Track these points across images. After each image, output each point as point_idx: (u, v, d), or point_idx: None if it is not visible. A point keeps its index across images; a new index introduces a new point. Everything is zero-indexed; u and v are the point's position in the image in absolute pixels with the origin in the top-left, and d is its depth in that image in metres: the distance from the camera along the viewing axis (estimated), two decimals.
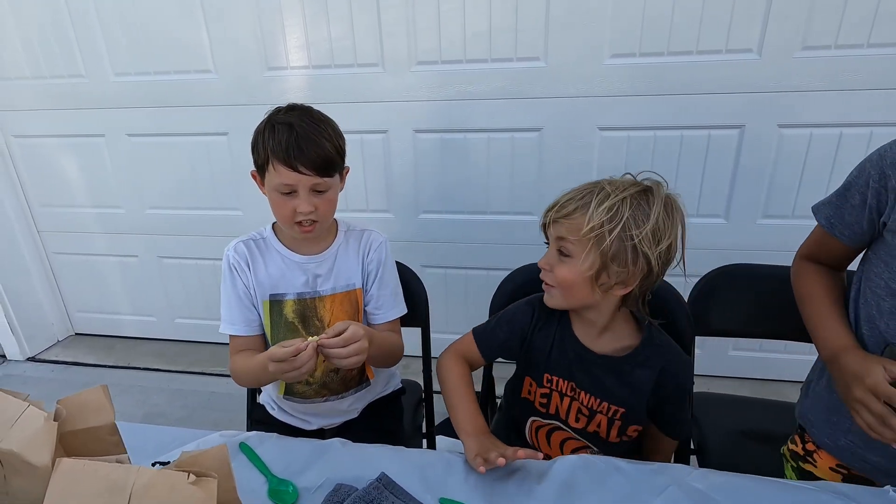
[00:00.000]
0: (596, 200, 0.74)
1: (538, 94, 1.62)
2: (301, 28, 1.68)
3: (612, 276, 0.76)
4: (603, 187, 0.76)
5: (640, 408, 0.83)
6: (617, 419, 0.84)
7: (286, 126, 0.84)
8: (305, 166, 0.83)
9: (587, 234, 0.74)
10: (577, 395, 0.86)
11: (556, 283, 0.80)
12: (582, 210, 0.75)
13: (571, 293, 0.79)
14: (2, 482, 0.40)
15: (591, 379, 0.84)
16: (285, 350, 0.74)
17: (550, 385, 0.88)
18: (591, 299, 0.79)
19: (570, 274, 0.77)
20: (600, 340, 0.85)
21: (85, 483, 0.34)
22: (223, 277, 0.96)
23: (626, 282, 0.76)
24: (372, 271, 0.98)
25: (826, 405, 0.82)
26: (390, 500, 0.57)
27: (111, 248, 2.15)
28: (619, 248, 0.74)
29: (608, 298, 0.79)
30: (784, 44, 1.46)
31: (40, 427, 0.39)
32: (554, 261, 0.80)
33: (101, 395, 0.43)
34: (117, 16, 1.76)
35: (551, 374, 0.87)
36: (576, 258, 0.76)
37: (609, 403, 0.83)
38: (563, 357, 0.86)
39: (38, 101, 1.94)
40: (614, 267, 0.75)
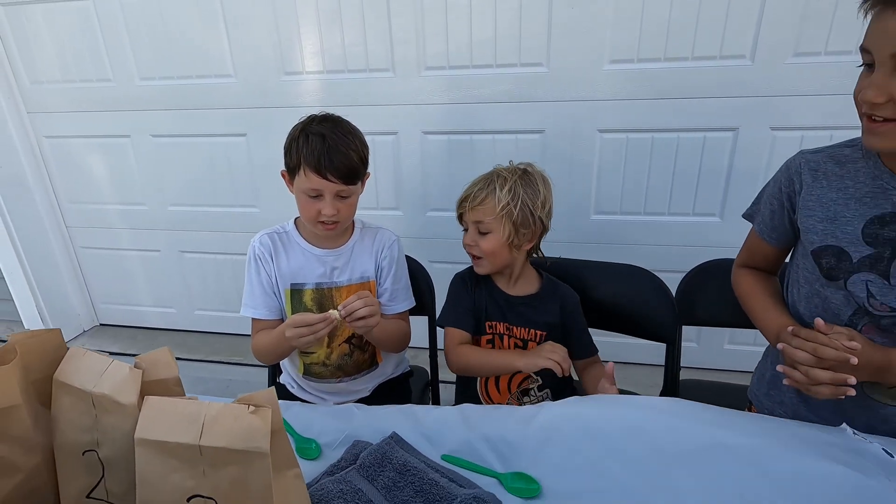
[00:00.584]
0: (498, 186, 1.00)
1: (541, 97, 1.70)
2: (316, 35, 1.77)
3: (522, 238, 1.02)
4: (500, 174, 1.03)
5: (555, 330, 1.08)
6: (543, 342, 1.05)
7: (319, 137, 0.93)
8: (333, 175, 0.93)
9: (500, 212, 0.99)
10: (511, 331, 1.09)
11: (483, 255, 1.04)
12: (490, 196, 1.00)
13: (496, 258, 1.04)
14: (94, 421, 0.50)
15: (517, 315, 1.09)
16: (311, 317, 0.86)
17: (492, 330, 1.10)
18: (510, 259, 1.05)
19: (493, 244, 1.02)
20: (516, 287, 1.10)
21: (167, 414, 0.44)
22: (248, 266, 1.06)
23: (531, 238, 1.04)
24: (385, 267, 1.08)
25: (767, 381, 0.93)
26: (400, 453, 0.66)
27: (135, 242, 2.26)
28: (523, 217, 1.00)
29: (519, 255, 1.06)
30: (776, 50, 1.53)
31: (126, 375, 0.48)
32: (477, 238, 1.04)
33: (167, 354, 0.52)
34: (144, 24, 1.86)
35: (490, 321, 1.10)
36: (495, 232, 1.01)
37: (535, 330, 1.08)
38: (494, 305, 1.10)
39: (68, 104, 2.06)
40: (522, 230, 1.01)
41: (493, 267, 1.06)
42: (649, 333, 1.12)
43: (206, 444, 0.42)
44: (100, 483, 0.51)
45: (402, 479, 0.63)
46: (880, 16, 0.63)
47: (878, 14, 0.64)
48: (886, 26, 0.62)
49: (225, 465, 0.42)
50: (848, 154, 0.79)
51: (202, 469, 0.43)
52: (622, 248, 1.82)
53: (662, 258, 1.75)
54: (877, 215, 0.74)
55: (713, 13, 1.51)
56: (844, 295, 0.77)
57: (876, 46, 0.64)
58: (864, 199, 0.75)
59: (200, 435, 0.42)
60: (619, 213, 1.80)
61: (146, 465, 0.43)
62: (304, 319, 0.86)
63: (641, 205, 1.77)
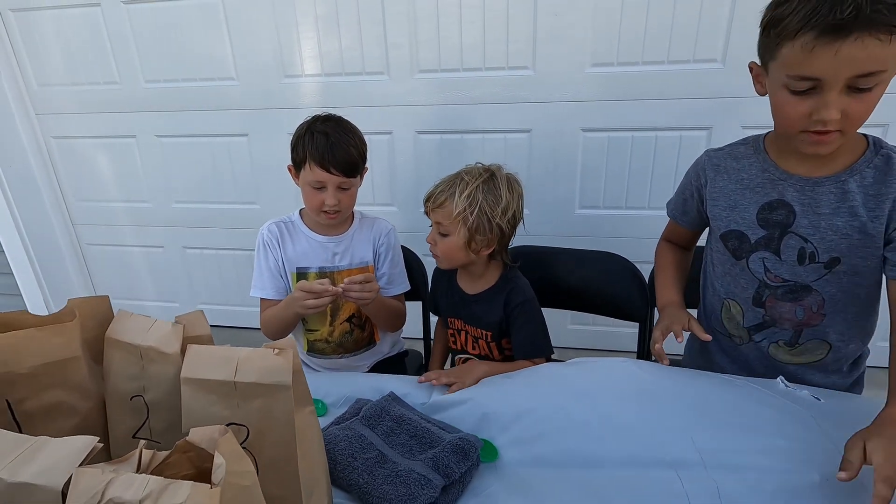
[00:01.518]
0: (458, 191, 1.00)
1: (527, 99, 1.80)
2: (315, 40, 1.87)
3: (479, 243, 1.02)
4: (462, 178, 1.02)
5: (499, 327, 1.10)
6: (491, 341, 1.12)
7: (323, 135, 1.04)
8: (336, 168, 1.03)
9: (455, 217, 1.00)
10: (465, 328, 1.14)
11: (440, 254, 1.07)
12: (450, 200, 1.01)
13: (452, 258, 1.06)
14: (141, 370, 0.59)
15: (469, 313, 1.13)
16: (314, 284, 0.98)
17: (453, 326, 1.17)
18: (468, 259, 1.06)
19: (449, 246, 1.03)
20: (475, 284, 1.12)
21: (206, 358, 0.53)
22: (257, 251, 1.16)
23: (489, 244, 1.04)
24: (383, 253, 1.18)
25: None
26: (396, 407, 0.76)
27: (139, 239, 2.34)
28: (480, 223, 1.00)
29: (479, 258, 1.07)
30: (745, 54, 1.59)
31: (169, 330, 0.58)
32: (437, 238, 1.06)
33: (201, 315, 0.62)
34: (150, 30, 1.95)
35: (450, 316, 1.17)
36: (451, 235, 1.02)
37: (482, 329, 1.12)
38: (451, 302, 1.16)
39: (75, 106, 2.14)
40: (478, 236, 1.01)
41: (450, 265, 1.10)
42: (623, 314, 1.23)
43: (240, 380, 0.51)
44: (144, 424, 0.61)
45: (398, 427, 0.73)
46: (830, 46, 0.67)
47: (825, 44, 0.67)
48: (839, 53, 0.67)
49: (255, 397, 0.52)
50: (742, 151, 0.91)
51: (236, 402, 0.52)
52: (605, 240, 1.92)
53: (643, 249, 1.84)
54: (766, 202, 0.87)
55: (686, 20, 1.62)
56: (747, 273, 0.91)
57: (829, 73, 0.69)
58: (756, 188, 0.88)
59: (235, 373, 0.52)
60: (602, 208, 1.91)
61: (190, 399, 0.53)
62: (309, 287, 0.97)
63: (623, 199, 1.88)
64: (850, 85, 0.70)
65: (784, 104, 0.75)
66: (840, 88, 0.70)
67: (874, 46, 0.66)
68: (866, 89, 0.70)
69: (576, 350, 2.07)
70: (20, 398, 0.57)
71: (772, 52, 0.74)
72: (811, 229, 0.83)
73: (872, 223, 0.79)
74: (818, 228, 0.83)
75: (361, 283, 0.99)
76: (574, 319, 2.07)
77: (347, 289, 0.98)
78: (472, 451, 0.68)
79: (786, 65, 0.72)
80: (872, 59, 0.67)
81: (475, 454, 0.69)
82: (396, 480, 0.64)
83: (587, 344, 2.11)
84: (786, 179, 0.85)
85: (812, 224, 0.83)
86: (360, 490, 0.65)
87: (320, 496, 0.59)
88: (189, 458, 0.43)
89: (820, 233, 0.83)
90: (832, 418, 0.74)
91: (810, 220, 0.83)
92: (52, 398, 0.58)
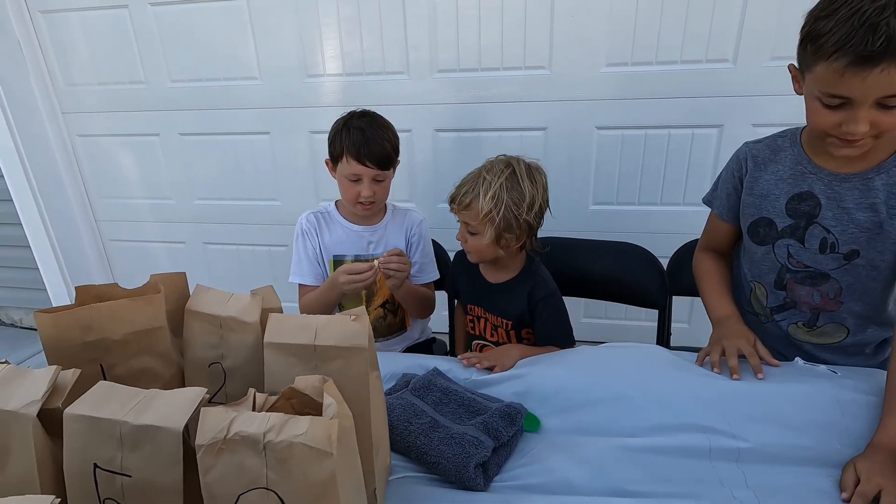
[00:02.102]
0: (482, 191, 1.01)
1: (543, 97, 1.85)
2: (337, 41, 1.93)
3: (508, 240, 1.04)
4: (484, 177, 1.03)
5: (521, 318, 1.12)
6: (511, 329, 1.15)
7: (359, 130, 1.10)
8: (371, 161, 1.10)
9: (483, 219, 1.01)
10: (486, 316, 1.17)
11: (470, 250, 1.10)
12: (475, 201, 1.02)
13: (482, 255, 1.09)
14: (220, 339, 0.65)
15: (490, 301, 1.16)
16: (358, 265, 1.04)
17: (472, 312, 1.20)
18: (497, 255, 1.08)
19: (479, 244, 1.06)
20: (498, 274, 1.15)
21: (287, 324, 0.58)
22: (296, 240, 1.22)
23: (519, 239, 1.05)
24: (414, 242, 1.25)
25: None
26: (442, 381, 0.82)
27: (161, 235, 2.40)
28: (507, 222, 1.01)
29: (509, 251, 1.08)
30: (755, 54, 1.69)
31: (248, 302, 0.63)
32: (466, 235, 1.09)
33: (272, 290, 0.68)
34: (176, 30, 2.01)
35: (470, 303, 1.20)
36: (480, 234, 1.04)
37: (502, 318, 1.14)
38: (473, 289, 1.19)
39: (101, 105, 2.20)
40: (507, 234, 1.03)
41: (480, 259, 1.12)
42: (642, 301, 1.28)
43: (319, 343, 0.57)
44: (221, 389, 0.66)
45: (446, 398, 0.78)
46: (859, 73, 0.72)
47: (855, 72, 0.72)
48: (867, 79, 0.72)
49: (333, 359, 0.57)
50: (780, 143, 0.97)
51: (315, 364, 0.58)
52: (618, 235, 1.95)
53: (655, 244, 1.89)
54: (795, 193, 0.92)
55: (699, 21, 1.68)
56: (771, 257, 0.97)
57: (858, 94, 0.74)
58: (787, 179, 0.94)
59: (315, 337, 0.57)
60: (616, 204, 1.96)
61: (273, 362, 0.58)
62: (353, 268, 1.03)
63: (636, 195, 1.93)
64: (879, 102, 0.74)
65: (816, 113, 0.81)
66: (869, 105, 0.75)
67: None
68: (894, 106, 0.75)
69: (589, 343, 2.12)
70: (112, 363, 0.62)
71: (808, 65, 0.79)
72: (834, 222, 0.89)
73: (890, 220, 0.85)
74: (840, 221, 0.88)
75: (399, 256, 1.06)
76: (587, 312, 2.12)
77: (387, 261, 1.04)
78: (517, 417, 0.74)
79: (819, 80, 0.77)
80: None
81: (520, 419, 0.74)
82: (451, 441, 0.69)
83: (600, 337, 2.16)
84: (815, 173, 0.90)
85: (835, 217, 0.89)
86: (417, 451, 0.71)
87: (385, 454, 0.64)
88: (291, 404, 0.49)
89: (842, 225, 0.88)
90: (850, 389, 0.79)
91: (834, 213, 0.89)
92: (139, 364, 0.64)
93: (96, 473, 0.47)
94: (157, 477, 0.47)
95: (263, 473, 0.43)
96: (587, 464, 0.70)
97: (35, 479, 0.48)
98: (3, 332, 2.58)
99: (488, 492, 0.69)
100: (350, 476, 0.48)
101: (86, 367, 0.57)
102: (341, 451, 0.44)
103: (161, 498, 0.47)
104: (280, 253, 2.28)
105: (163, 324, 0.64)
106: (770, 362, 0.87)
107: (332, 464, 0.42)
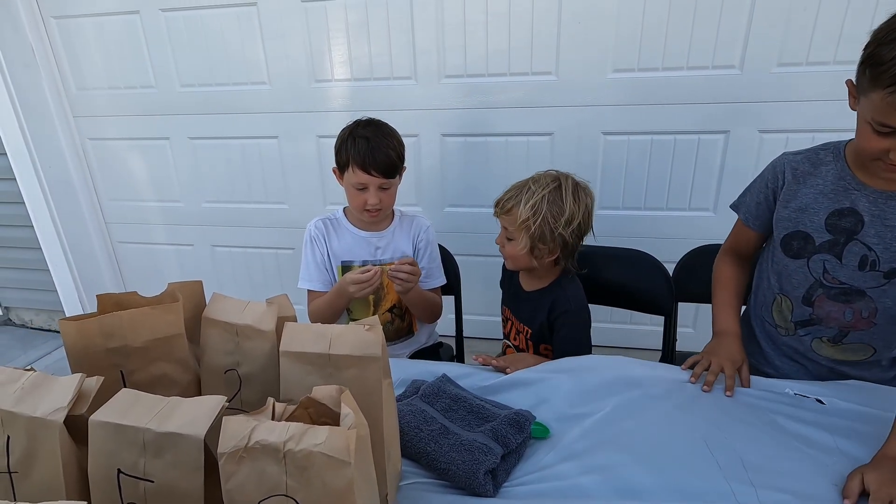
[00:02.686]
0: (525, 199, 1.03)
1: (550, 103, 1.87)
2: (345, 46, 1.95)
3: (541, 251, 1.06)
4: (529, 187, 1.05)
5: (539, 329, 1.15)
6: (529, 338, 1.17)
7: (364, 139, 1.12)
8: (376, 171, 1.11)
9: (520, 225, 1.04)
10: (512, 319, 1.21)
11: (507, 256, 1.13)
12: (516, 207, 1.05)
13: (516, 262, 1.12)
14: (236, 346, 0.66)
15: (518, 307, 1.20)
16: (362, 272, 1.06)
17: (504, 314, 1.24)
18: (531, 265, 1.10)
19: (514, 250, 1.09)
20: (531, 283, 1.18)
21: (302, 333, 0.60)
22: (305, 245, 1.24)
23: (552, 252, 1.07)
24: (422, 248, 1.26)
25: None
26: (451, 387, 0.83)
27: (170, 237, 2.43)
28: (542, 233, 1.03)
29: (542, 263, 1.10)
30: (762, 60, 1.70)
31: (264, 310, 0.65)
32: (503, 241, 1.12)
33: (286, 299, 0.69)
34: (186, 35, 2.03)
35: (505, 305, 1.24)
36: (516, 240, 1.07)
37: (524, 325, 1.18)
38: (510, 292, 1.23)
39: (112, 109, 2.23)
40: (540, 245, 1.05)
41: (515, 267, 1.16)
42: (649, 307, 1.29)
43: (334, 352, 0.58)
44: (236, 395, 0.68)
45: (455, 405, 0.80)
46: None
47: None
48: None
49: (347, 368, 0.59)
50: (822, 157, 0.96)
51: (329, 372, 0.59)
52: (624, 240, 1.96)
53: (661, 249, 1.90)
54: (837, 209, 0.91)
55: (705, 28, 1.69)
56: (804, 271, 0.96)
57: None
58: (829, 194, 0.92)
59: (329, 346, 0.59)
60: (622, 209, 1.97)
61: (288, 370, 0.60)
62: (358, 277, 1.07)
63: (642, 200, 1.94)
64: None
65: (866, 137, 0.81)
66: None
67: None
68: None
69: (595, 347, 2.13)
70: (132, 369, 0.64)
71: (864, 89, 0.79)
72: (877, 239, 0.88)
73: None
74: (883, 239, 0.87)
75: (411, 265, 1.08)
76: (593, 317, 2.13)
77: (397, 269, 1.06)
78: (526, 424, 0.75)
79: (872, 108, 0.77)
80: None
81: (529, 427, 0.75)
82: (461, 448, 0.70)
83: (605, 341, 2.16)
84: (860, 189, 0.89)
85: (878, 234, 0.88)
86: (428, 457, 0.72)
87: (396, 460, 0.66)
88: (309, 413, 0.50)
89: (885, 243, 0.87)
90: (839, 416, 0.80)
91: (877, 231, 0.88)
92: (157, 370, 0.65)
93: (120, 479, 0.49)
94: (178, 483, 0.48)
95: (283, 481, 0.44)
96: (597, 471, 0.71)
97: (61, 485, 0.50)
98: (14, 333, 2.61)
99: (497, 498, 0.70)
100: (366, 484, 0.49)
101: (107, 373, 0.58)
102: (358, 459, 0.45)
103: (183, 503, 0.48)
104: (287, 256, 2.30)
105: (181, 331, 0.65)
106: (745, 386, 0.91)
107: (349, 472, 0.43)
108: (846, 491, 0.70)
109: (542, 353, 1.18)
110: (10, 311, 2.67)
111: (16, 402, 0.50)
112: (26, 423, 0.50)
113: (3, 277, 2.53)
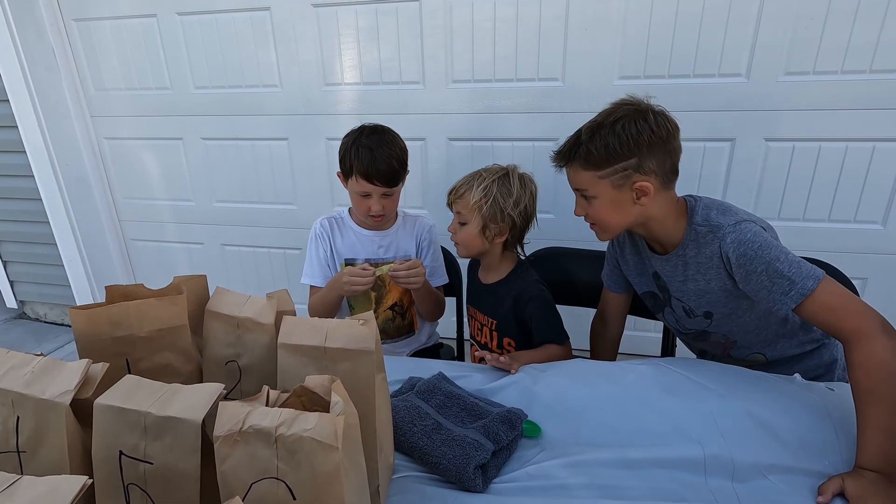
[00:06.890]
0: (476, 183, 1.13)
1: (556, 109, 1.88)
2: (355, 51, 1.98)
3: (492, 231, 1.14)
4: (481, 174, 1.15)
5: (505, 321, 1.21)
6: (494, 330, 1.22)
7: (367, 149, 1.15)
8: (379, 180, 1.14)
9: (472, 207, 1.12)
10: (476, 315, 1.25)
11: (459, 241, 1.18)
12: (468, 192, 1.14)
13: (469, 245, 1.18)
14: (237, 338, 0.69)
15: (480, 300, 1.25)
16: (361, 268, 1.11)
17: (468, 312, 1.28)
18: (483, 247, 1.17)
19: (467, 233, 1.16)
20: (489, 275, 1.24)
21: (299, 326, 0.62)
22: (309, 243, 1.27)
23: (502, 232, 1.15)
24: (425, 248, 1.28)
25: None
26: (446, 385, 0.85)
27: (181, 235, 2.48)
28: (493, 213, 1.12)
29: (494, 246, 1.17)
30: (769, 69, 1.70)
31: (264, 304, 0.68)
32: (456, 227, 1.18)
33: (286, 294, 0.72)
34: (201, 38, 2.09)
35: (470, 304, 1.28)
36: (469, 223, 1.14)
37: (487, 316, 1.22)
38: (472, 290, 1.27)
39: (128, 109, 2.28)
40: (492, 224, 1.13)
41: (468, 253, 1.21)
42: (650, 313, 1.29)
43: (329, 345, 0.61)
44: (236, 385, 0.70)
45: (450, 402, 0.81)
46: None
47: None
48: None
49: (341, 360, 0.61)
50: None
51: (324, 364, 0.61)
52: None
53: None
54: (653, 271, 1.05)
55: (712, 36, 1.69)
56: (665, 323, 1.11)
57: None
58: (639, 264, 1.09)
59: (325, 339, 0.61)
60: None
61: (285, 362, 0.62)
62: (355, 271, 1.11)
63: None
64: None
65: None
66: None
67: None
68: None
69: None
70: (137, 358, 0.67)
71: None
72: (680, 293, 1.00)
73: (708, 283, 0.95)
74: (683, 293, 1.00)
75: (408, 269, 1.11)
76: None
77: (395, 270, 1.09)
78: (517, 422, 0.77)
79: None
80: None
81: (520, 424, 0.77)
82: (452, 443, 0.72)
83: None
84: (650, 258, 1.04)
85: (678, 290, 1.01)
86: (420, 452, 0.74)
87: (388, 453, 0.68)
88: (302, 401, 0.52)
89: (686, 295, 0.99)
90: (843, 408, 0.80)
91: (676, 287, 1.01)
92: (162, 360, 0.68)
93: (121, 460, 0.51)
94: (177, 464, 0.50)
95: (274, 464, 0.46)
96: (584, 471, 0.72)
97: (66, 464, 0.53)
98: (29, 326, 2.67)
99: (487, 493, 0.72)
100: (354, 471, 0.51)
101: (113, 361, 0.61)
102: (346, 446, 0.47)
103: (180, 484, 0.51)
104: (295, 256, 2.34)
105: (185, 322, 0.68)
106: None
107: (337, 457, 0.45)
108: (821, 488, 0.72)
109: (506, 348, 1.22)
110: (24, 305, 2.73)
111: (26, 384, 0.53)
112: (35, 404, 0.52)
113: (19, 272, 2.60)
